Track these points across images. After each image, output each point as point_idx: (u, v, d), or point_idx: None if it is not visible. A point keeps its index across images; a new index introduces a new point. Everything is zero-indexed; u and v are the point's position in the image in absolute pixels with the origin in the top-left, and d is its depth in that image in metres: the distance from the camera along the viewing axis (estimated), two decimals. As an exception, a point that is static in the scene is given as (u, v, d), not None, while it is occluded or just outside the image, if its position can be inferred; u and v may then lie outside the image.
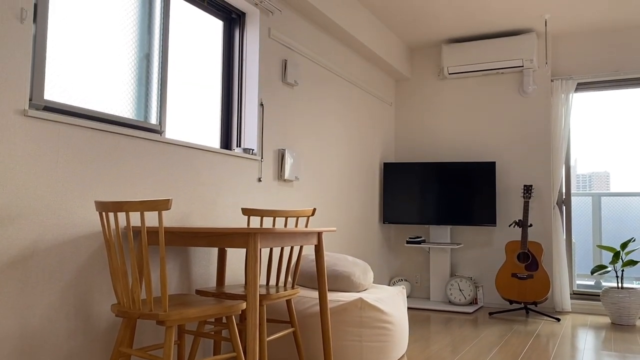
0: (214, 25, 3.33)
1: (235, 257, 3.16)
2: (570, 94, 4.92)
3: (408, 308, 4.92)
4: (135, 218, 2.48)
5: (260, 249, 2.87)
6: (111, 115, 2.51)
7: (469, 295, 4.97)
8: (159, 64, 2.83)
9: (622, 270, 4.44)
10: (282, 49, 3.65)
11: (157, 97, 2.82)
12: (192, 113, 3.11)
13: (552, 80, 5.03)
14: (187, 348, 2.74)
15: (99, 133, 2.33)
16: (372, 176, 5.13)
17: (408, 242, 5.16)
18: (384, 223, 5.29)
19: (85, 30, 2.45)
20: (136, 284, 1.98)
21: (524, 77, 5.11)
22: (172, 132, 2.94)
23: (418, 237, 5.19)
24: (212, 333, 2.64)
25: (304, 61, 3.92)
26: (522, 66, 4.99)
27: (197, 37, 3.17)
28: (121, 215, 2.39)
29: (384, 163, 5.31)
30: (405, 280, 5.42)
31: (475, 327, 4.13)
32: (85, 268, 2.26)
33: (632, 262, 4.36)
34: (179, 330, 2.46)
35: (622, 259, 4.41)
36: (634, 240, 4.63)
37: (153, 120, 2.80)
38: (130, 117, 2.67)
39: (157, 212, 2.07)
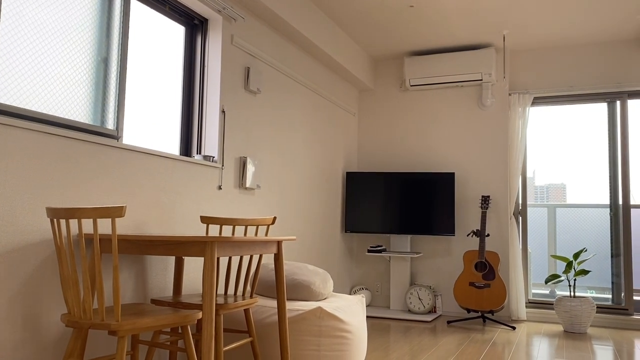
0: (176, 31, 3.30)
1: (193, 266, 3.11)
2: (527, 108, 5.07)
3: (368, 317, 4.94)
4: (88, 225, 2.42)
5: (218, 258, 2.83)
6: (65, 119, 2.45)
7: (428, 304, 5.03)
8: (117, 68, 2.78)
9: (575, 280, 4.58)
10: (245, 56, 3.64)
11: (115, 102, 2.76)
12: (151, 119, 3.06)
13: (509, 94, 5.17)
14: (141, 359, 2.67)
15: (52, 137, 2.27)
16: (335, 185, 5.15)
17: (369, 251, 5.19)
18: (346, 232, 5.31)
19: (39, 31, 2.38)
20: (87, 293, 1.92)
21: (483, 90, 5.24)
22: (130, 137, 2.89)
23: (379, 246, 5.23)
24: (168, 343, 2.59)
25: (267, 69, 3.91)
26: (481, 80, 5.12)
27: (158, 42, 3.13)
28: (73, 222, 2.32)
29: (347, 172, 5.35)
30: (366, 289, 5.44)
31: (433, 335, 4.18)
32: (34, 276, 2.19)
33: (584, 272, 4.50)
34: (132, 340, 2.40)
35: (574, 268, 4.55)
36: (586, 251, 4.78)
37: (110, 125, 2.74)
38: (86, 122, 2.60)
39: (110, 219, 2.02)
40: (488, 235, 4.93)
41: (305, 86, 4.51)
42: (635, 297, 5.49)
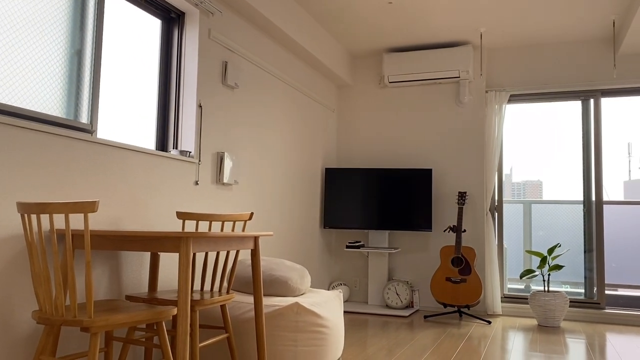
0: (152, 24, 3.25)
1: (170, 262, 3.08)
2: (504, 105, 5.13)
3: (346, 312, 4.96)
4: (60, 221, 2.38)
5: (194, 254, 2.81)
6: (38, 112, 2.40)
7: (406, 299, 5.07)
8: (91, 61, 2.74)
9: (549, 275, 4.66)
10: (223, 50, 3.61)
11: (89, 96, 2.72)
12: (127, 113, 3.02)
13: (486, 91, 5.23)
14: (115, 355, 2.64)
15: (23, 131, 2.22)
16: (314, 181, 5.15)
17: (347, 247, 5.21)
18: (324, 228, 5.32)
19: (9, 22, 2.33)
20: (59, 290, 1.89)
21: (460, 87, 5.29)
22: (104, 132, 2.85)
23: (357, 242, 5.25)
24: (143, 340, 2.57)
25: (245, 64, 3.89)
26: (459, 77, 5.16)
27: (134, 35, 3.09)
28: (45, 218, 2.28)
29: (326, 168, 5.35)
30: (344, 284, 5.46)
31: (410, 330, 4.21)
32: (4, 273, 2.14)
33: (558, 267, 4.58)
34: (106, 337, 2.37)
35: (548, 263, 4.63)
36: (560, 246, 4.87)
37: (84, 119, 2.70)
38: (59, 116, 2.56)
39: (83, 214, 1.99)
40: (464, 230, 4.99)
41: (284, 82, 4.50)
42: (607, 292, 5.61)
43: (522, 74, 5.22)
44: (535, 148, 5.42)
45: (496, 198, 5.25)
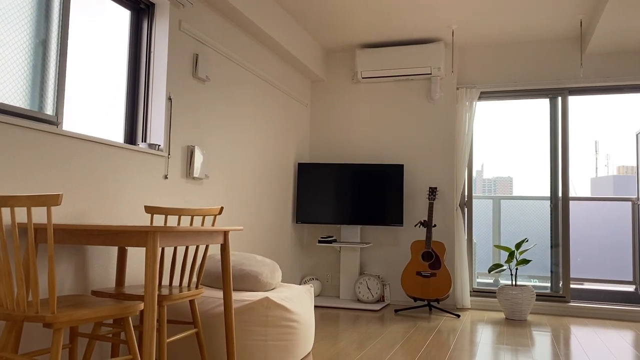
0: (121, 15, 3.19)
1: (138, 256, 3.04)
2: (474, 102, 5.20)
3: (318, 306, 4.97)
4: (23, 214, 2.32)
5: (163, 248, 2.78)
6: (1, 103, 2.33)
7: (377, 293, 5.11)
8: (56, 51, 2.67)
9: (517, 269, 4.75)
10: (194, 42, 3.57)
11: (54, 87, 2.66)
12: (94, 105, 2.96)
13: (457, 88, 5.28)
14: (81, 352, 2.60)
15: (-16, 122, 2.16)
16: (287, 176, 5.14)
17: (320, 242, 5.22)
18: (297, 223, 5.31)
19: (-30, 10, 2.26)
20: (21, 285, 1.85)
21: (432, 84, 5.34)
22: (70, 124, 2.78)
23: (329, 237, 5.26)
24: (110, 336, 2.53)
25: (217, 57, 3.85)
26: (431, 74, 5.21)
27: (102, 26, 3.02)
28: (6, 211, 2.23)
29: (299, 163, 5.34)
30: (316, 279, 5.47)
31: (381, 324, 4.25)
32: (-36, 268, 2.08)
33: (525, 261, 4.68)
34: (71, 333, 2.33)
35: (516, 258, 4.72)
36: (527, 241, 4.97)
37: (49, 110, 2.63)
38: (23, 107, 2.49)
39: (46, 207, 1.94)
40: (435, 225, 5.04)
41: (257, 75, 4.47)
42: (572, 286, 5.75)
43: (492, 72, 5.30)
44: (506, 145, 5.52)
45: (466, 194, 5.32)
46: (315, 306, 5.00)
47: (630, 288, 5.58)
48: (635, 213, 5.53)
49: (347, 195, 5.27)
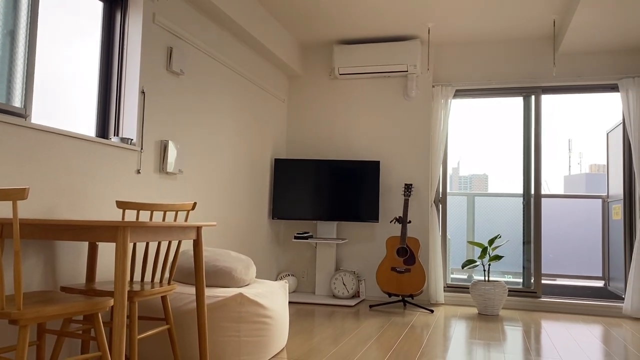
0: (93, 6, 3.13)
1: (110, 252, 2.99)
2: (449, 100, 5.25)
3: (294, 302, 4.97)
4: (-10, 209, 2.27)
5: (134, 244, 2.75)
6: (-35, 95, 2.27)
7: (352, 288, 5.13)
8: (25, 43, 2.61)
9: (489, 265, 4.82)
10: (168, 35, 3.52)
11: (23, 79, 2.59)
12: (65, 98, 2.90)
13: (433, 86, 5.32)
14: (49, 349, 2.55)
15: (-53, 114, 2.10)
16: (263, 172, 5.12)
17: (296, 238, 5.22)
18: (273, 219, 5.30)
19: None
20: (-15, 281, 1.80)
21: (408, 81, 5.37)
22: (40, 117, 2.73)
23: (306, 233, 5.26)
24: (80, 333, 2.49)
25: (191, 50, 3.81)
26: (407, 71, 5.24)
27: (74, 17, 2.96)
28: (-27, 206, 2.17)
29: (275, 159, 5.33)
30: (292, 275, 5.47)
31: (356, 319, 4.27)
32: None
33: (498, 257, 4.75)
34: (39, 330, 2.28)
35: (489, 254, 4.78)
36: (500, 237, 5.04)
37: (17, 103, 2.57)
38: (-11, 99, 2.43)
39: (12, 202, 1.90)
40: (410, 222, 5.08)
41: (233, 70, 4.43)
42: (545, 281, 5.86)
43: (467, 70, 5.35)
44: (482, 143, 5.59)
45: (441, 190, 5.37)
46: (291, 302, 5.00)
47: (600, 283, 5.71)
48: (605, 210, 5.65)
49: (323, 192, 5.28)
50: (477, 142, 5.57)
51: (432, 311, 4.72)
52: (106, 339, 2.76)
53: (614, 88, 5.06)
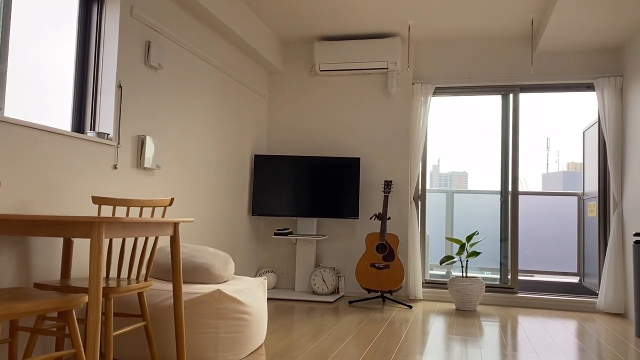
0: (69, -2, 3.08)
1: (86, 248, 2.96)
2: (429, 97, 5.28)
3: (274, 299, 4.97)
4: (-39, 204, 2.22)
5: (111, 240, 2.71)
6: None
7: (332, 285, 5.15)
8: (-2, 34, 2.55)
9: (467, 261, 4.87)
10: (146, 29, 3.48)
11: (-5, 71, 2.54)
12: (40, 92, 2.85)
13: (413, 83, 5.35)
14: (22, 346, 2.51)
15: None
16: (242, 168, 5.09)
17: (276, 234, 5.21)
18: (253, 215, 5.28)
19: None
20: (-45, 277, 1.77)
21: (389, 78, 5.39)
22: (13, 111, 2.67)
23: (286, 229, 5.26)
24: (55, 330, 2.46)
25: (170, 44, 3.77)
26: (387, 68, 5.25)
27: (50, 8, 2.91)
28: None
29: (255, 155, 5.31)
30: (272, 271, 5.46)
31: (335, 315, 4.28)
32: None
33: (475, 253, 4.80)
34: (11, 327, 2.24)
35: (466, 250, 4.83)
36: (478, 234, 5.09)
37: (-11, 96, 2.52)
38: (-40, 91, 2.37)
39: (-17, 197, 1.86)
40: (389, 218, 5.11)
41: (212, 65, 4.40)
42: (522, 277, 5.95)
43: (447, 68, 5.39)
44: (462, 141, 5.64)
45: (420, 187, 5.41)
46: (270, 298, 5.00)
47: (575, 279, 5.81)
48: (581, 208, 5.75)
49: (303, 188, 5.28)
50: (458, 140, 5.62)
51: (410, 307, 4.76)
52: (82, 336, 2.73)
53: (589, 87, 5.14)
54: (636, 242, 3.91)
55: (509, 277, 5.20)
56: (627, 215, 4.65)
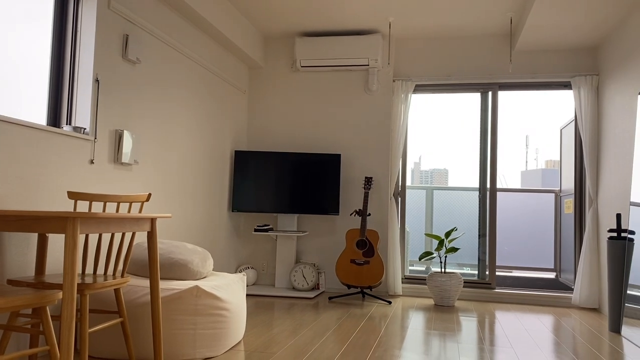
0: (44, -10, 3.02)
1: (62, 244, 2.91)
2: (409, 94, 5.31)
3: (253, 295, 4.96)
4: None
5: (87, 236, 2.68)
6: None
7: (312, 281, 5.15)
8: (-30, 26, 2.50)
9: (446, 257, 4.92)
10: (124, 22, 3.43)
11: (-33, 63, 2.48)
12: (14, 85, 2.79)
13: (394, 80, 5.37)
14: (-4, 344, 2.47)
15: None
16: (222, 163, 5.07)
17: (256, 230, 5.20)
18: (233, 211, 5.26)
19: None
20: None
21: (369, 75, 5.40)
22: (-14, 103, 2.62)
23: (266, 225, 5.25)
24: (29, 327, 2.42)
25: (149, 38, 3.73)
26: (368, 65, 5.26)
27: (25, 2, 2.85)
28: None
29: (236, 151, 5.28)
30: (252, 267, 5.45)
31: (315, 311, 4.29)
32: None
33: (454, 249, 4.85)
34: (-17, 324, 2.20)
35: (445, 246, 4.88)
36: (456, 230, 5.14)
37: (-39, 88, 2.46)
38: None
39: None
40: (369, 214, 5.13)
41: (192, 59, 4.36)
42: (499, 273, 6.02)
43: (427, 65, 5.42)
44: (443, 138, 5.68)
45: (400, 184, 5.44)
46: (250, 295, 4.99)
47: (552, 275, 5.91)
48: (558, 204, 5.84)
49: (284, 184, 5.27)
50: (439, 137, 5.67)
51: (390, 302, 4.79)
52: (57, 333, 2.70)
53: (567, 85, 5.22)
54: (610, 238, 3.99)
55: (487, 273, 5.27)
56: (602, 211, 4.74)
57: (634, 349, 3.41)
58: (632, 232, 3.82)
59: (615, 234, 4.31)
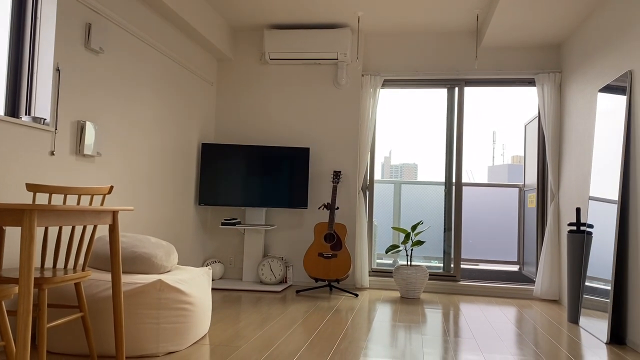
0: (1, -25, 2.92)
1: (19, 237, 2.83)
2: (378, 89, 5.33)
3: (220, 289, 4.93)
4: None
5: (46, 229, 2.62)
6: None
7: (279, 274, 5.15)
8: None
9: (412, 250, 4.98)
10: (86, 11, 3.35)
11: None
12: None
13: (362, 75, 5.39)
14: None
15: None
16: (189, 156, 5.01)
17: (223, 224, 5.16)
18: (199, 205, 5.21)
19: None
20: None
21: (339, 69, 5.41)
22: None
23: (233, 219, 5.22)
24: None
25: (112, 27, 3.64)
26: (337, 59, 5.27)
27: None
28: None
29: (203, 143, 5.22)
30: (219, 262, 5.41)
31: (282, 304, 4.29)
32: None
33: (419, 242, 4.91)
34: None
35: (411, 239, 4.94)
36: (422, 223, 5.21)
37: None
38: None
39: None
40: (338, 208, 5.15)
41: (158, 50, 4.29)
42: (465, 266, 6.13)
43: (396, 60, 5.46)
44: (412, 133, 5.73)
45: (368, 178, 5.47)
46: (217, 289, 4.95)
47: (515, 268, 6.05)
48: (522, 199, 5.97)
49: (252, 178, 5.24)
50: (408, 132, 5.72)
51: (357, 295, 4.83)
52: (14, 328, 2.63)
53: (531, 82, 5.33)
54: (570, 231, 4.10)
55: (452, 265, 5.36)
56: (563, 206, 4.87)
57: (591, 338, 3.52)
58: (591, 226, 3.93)
59: (574, 228, 4.43)
